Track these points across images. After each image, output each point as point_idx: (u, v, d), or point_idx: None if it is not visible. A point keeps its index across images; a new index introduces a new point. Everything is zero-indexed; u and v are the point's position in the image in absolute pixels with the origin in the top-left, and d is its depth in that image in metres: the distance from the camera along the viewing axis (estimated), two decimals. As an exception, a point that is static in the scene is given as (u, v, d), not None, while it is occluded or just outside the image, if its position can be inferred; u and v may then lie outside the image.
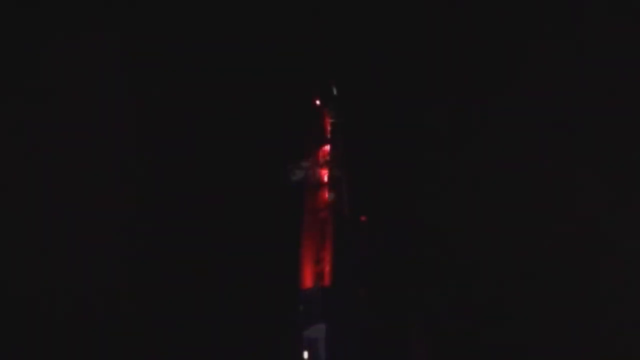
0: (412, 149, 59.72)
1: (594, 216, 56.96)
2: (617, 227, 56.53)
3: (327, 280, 54.32)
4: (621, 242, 56.12)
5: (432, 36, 60.69)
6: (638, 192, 57.31)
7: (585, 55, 59.38)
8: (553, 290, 56.79)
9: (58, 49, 60.69)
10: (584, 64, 59.35)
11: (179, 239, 58.67)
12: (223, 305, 56.77)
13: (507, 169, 58.25)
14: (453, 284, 57.33)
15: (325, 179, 57.28)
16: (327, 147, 58.06)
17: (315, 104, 58.92)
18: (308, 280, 54.89)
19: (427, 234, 57.94)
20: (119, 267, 57.02)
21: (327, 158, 57.60)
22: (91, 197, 58.84)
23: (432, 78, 60.17)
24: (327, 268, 54.56)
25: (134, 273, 56.89)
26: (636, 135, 58.35)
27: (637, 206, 57.02)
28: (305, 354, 52.81)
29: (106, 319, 56.15)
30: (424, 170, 59.37)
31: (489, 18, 60.71)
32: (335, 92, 59.01)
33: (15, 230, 57.59)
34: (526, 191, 58.57)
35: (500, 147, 58.66)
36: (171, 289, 57.47)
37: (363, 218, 56.38)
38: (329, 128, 58.49)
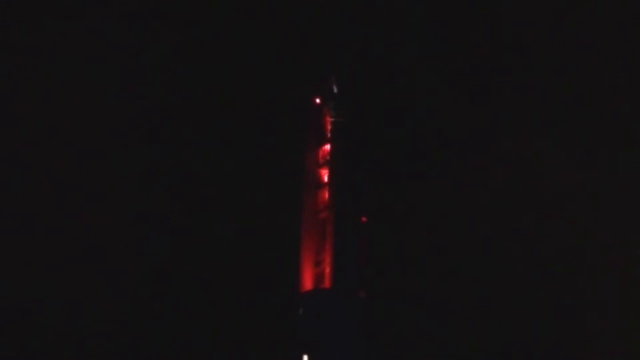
0: (411, 149, 59.73)
1: (593, 216, 57.05)
2: (617, 228, 56.61)
3: (327, 282, 54.47)
4: (621, 242, 56.20)
5: (432, 36, 60.67)
6: (638, 192, 57.38)
7: (585, 55, 59.41)
8: (552, 290, 56.92)
9: (58, 48, 60.72)
10: (584, 63, 59.37)
11: (178, 239, 58.74)
12: (223, 306, 56.92)
13: (507, 169, 58.29)
14: (453, 283, 57.44)
15: (325, 179, 57.34)
16: (327, 147, 58.07)
17: (315, 102, 58.88)
18: (308, 282, 55.02)
19: (427, 234, 58.04)
20: (119, 269, 57.10)
21: (327, 158, 57.63)
22: (91, 197, 58.95)
23: (433, 78, 60.15)
24: (327, 269, 54.65)
25: (134, 274, 56.95)
26: (636, 135, 58.41)
27: (637, 206, 57.08)
28: (305, 358, 53.11)
29: (106, 320, 56.27)
30: (424, 170, 59.44)
31: (489, 18, 60.67)
32: (335, 90, 58.91)
33: (15, 230, 57.73)
34: (526, 191, 58.63)
35: (500, 147, 58.66)
36: (171, 289, 57.61)
37: (363, 218, 56.40)
38: (329, 127, 58.44)
